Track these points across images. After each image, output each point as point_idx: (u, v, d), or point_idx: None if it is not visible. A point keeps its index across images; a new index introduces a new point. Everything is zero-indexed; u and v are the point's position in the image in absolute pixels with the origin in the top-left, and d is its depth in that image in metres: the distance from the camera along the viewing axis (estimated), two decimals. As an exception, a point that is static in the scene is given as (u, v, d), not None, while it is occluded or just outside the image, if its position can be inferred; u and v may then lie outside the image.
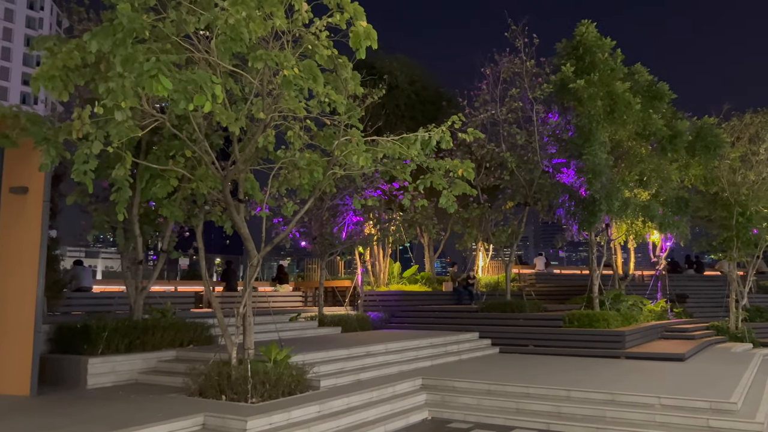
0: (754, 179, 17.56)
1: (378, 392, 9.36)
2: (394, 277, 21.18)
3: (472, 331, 15.07)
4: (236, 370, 8.66)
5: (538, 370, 11.25)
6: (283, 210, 10.19)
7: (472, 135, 9.68)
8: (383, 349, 11.95)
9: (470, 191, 9.91)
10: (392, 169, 9.99)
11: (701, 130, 16.58)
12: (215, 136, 10.58)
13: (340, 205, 16.47)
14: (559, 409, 8.80)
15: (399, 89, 18.82)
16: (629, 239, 18.65)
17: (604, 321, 14.31)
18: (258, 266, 9.20)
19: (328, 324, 15.31)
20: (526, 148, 16.36)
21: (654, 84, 16.58)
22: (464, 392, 9.85)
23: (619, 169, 16.20)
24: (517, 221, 17.19)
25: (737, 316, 18.45)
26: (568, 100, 15.38)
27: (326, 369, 10.04)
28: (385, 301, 18.33)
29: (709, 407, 8.11)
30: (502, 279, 22.85)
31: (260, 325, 13.11)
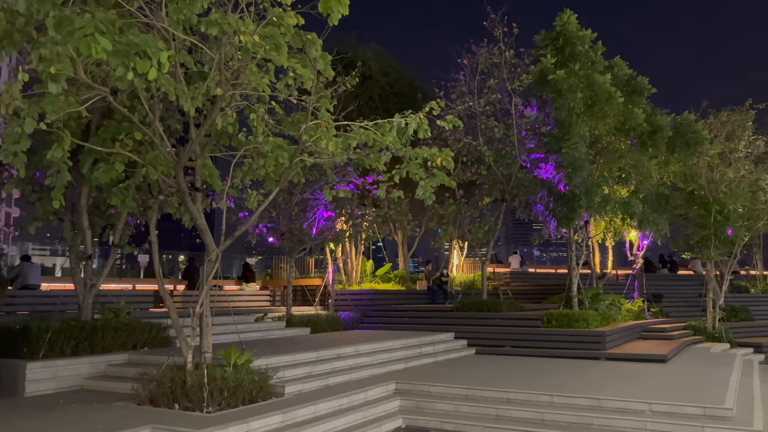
0: (733, 176, 17.29)
1: (348, 399, 8.65)
2: (366, 275, 20.45)
3: (448, 332, 14.47)
4: (192, 375, 7.86)
5: (517, 373, 10.65)
6: (246, 202, 9.42)
7: (450, 123, 9.04)
8: (354, 352, 11.24)
9: (449, 182, 9.25)
10: (365, 158, 9.27)
11: (680, 126, 16.22)
12: (172, 120, 9.74)
13: (310, 199, 15.69)
14: (542, 416, 8.18)
15: (373, 80, 18.10)
16: (607, 237, 18.25)
17: (584, 321, 13.81)
18: (217, 262, 8.40)
19: (297, 324, 14.53)
20: (504, 141, 15.79)
21: (633, 78, 16.16)
22: (440, 397, 9.19)
23: (598, 165, 15.74)
24: (494, 218, 16.61)
25: (714, 316, 18.18)
26: (547, 92, 14.84)
27: (292, 373, 9.29)
28: (357, 300, 17.60)
29: (703, 413, 7.58)
30: (477, 277, 22.32)
31: (222, 325, 12.33)
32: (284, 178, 8.86)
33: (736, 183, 17.39)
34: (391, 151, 8.87)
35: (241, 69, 7.07)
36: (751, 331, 19.48)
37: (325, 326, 15.03)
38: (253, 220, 8.58)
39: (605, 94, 14.48)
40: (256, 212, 8.66)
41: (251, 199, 9.16)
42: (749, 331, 19.38)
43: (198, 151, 8.27)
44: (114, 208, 9.81)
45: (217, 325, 12.41)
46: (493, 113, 15.90)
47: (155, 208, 9.58)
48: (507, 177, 15.89)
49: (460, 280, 21.90)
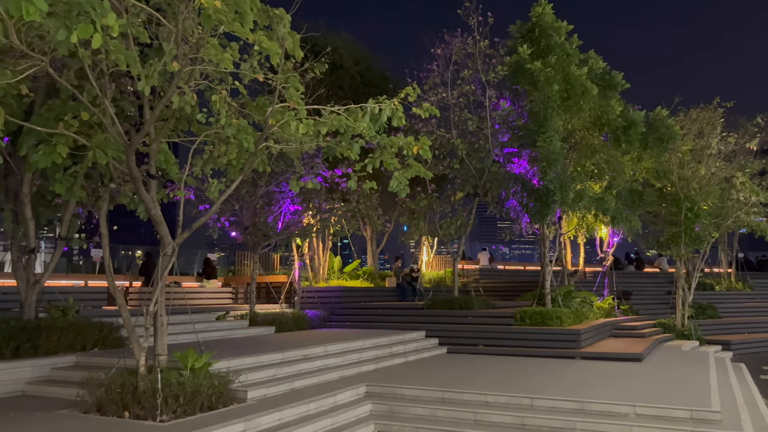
0: (704, 173, 17.23)
1: (316, 404, 8.05)
2: (334, 272, 19.80)
3: (419, 330, 13.98)
4: (144, 380, 7.17)
5: (493, 374, 10.21)
6: (207, 192, 8.73)
7: (427, 111, 8.51)
8: (322, 352, 10.63)
9: (425, 174, 8.72)
10: (337, 146, 8.67)
11: (654, 121, 16.04)
12: (125, 102, 8.96)
13: (275, 192, 14.99)
14: (522, 420, 7.73)
15: (343, 69, 17.44)
16: (579, 234, 18.03)
17: (557, 319, 13.48)
18: (173, 256, 7.70)
19: (261, 323, 13.84)
20: (477, 135, 15.35)
21: (607, 73, 15.92)
22: (415, 401, 8.66)
23: (571, 160, 15.45)
24: (466, 213, 16.16)
25: (684, 314, 18.15)
26: (522, 83, 14.47)
27: (255, 377, 8.64)
28: (325, 297, 16.97)
29: (690, 417, 7.23)
30: (446, 274, 21.92)
31: (180, 325, 11.59)
32: (248, 166, 8.21)
33: (706, 180, 17.35)
34: (364, 138, 8.30)
35: (201, 42, 6.39)
36: (719, 329, 19.57)
37: (291, 325, 14.37)
38: (214, 209, 7.90)
39: (581, 87, 14.19)
40: (217, 201, 7.99)
41: (212, 188, 8.47)
42: (717, 329, 19.46)
43: (153, 135, 7.54)
44: (60, 197, 8.97)
45: (175, 324, 11.63)
46: (467, 105, 15.44)
47: (106, 197, 8.80)
48: (480, 171, 15.45)
49: (430, 277, 21.44)
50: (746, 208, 17.50)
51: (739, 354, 16.88)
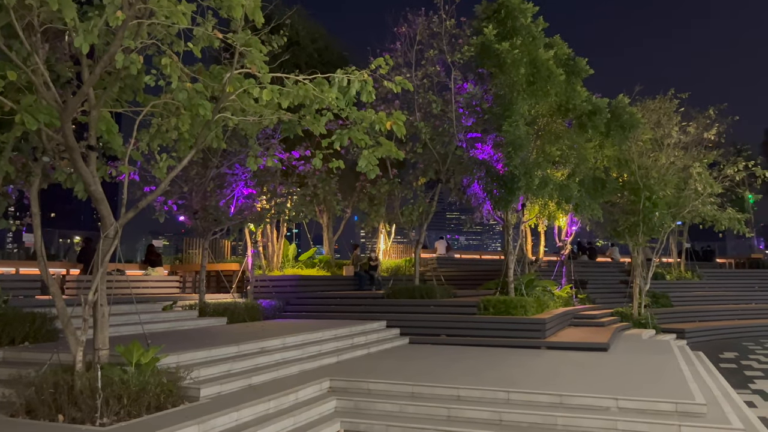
0: (665, 161, 17.26)
1: (276, 401, 7.35)
2: (288, 260, 18.99)
3: (379, 320, 13.42)
4: (82, 378, 6.34)
5: (462, 365, 9.73)
6: (154, 171, 7.86)
7: (400, 85, 7.89)
8: (280, 344, 9.92)
9: (396, 153, 8.11)
10: (300, 120, 7.94)
11: (616, 109, 15.89)
12: (62, 66, 7.95)
13: (228, 174, 14.07)
14: (500, 416, 7.25)
15: (300, 47, 16.57)
16: (540, 222, 17.81)
17: (522, 308, 13.16)
18: (116, 239, 6.83)
19: (211, 314, 12.98)
20: (441, 118, 14.81)
21: (572, 59, 15.65)
22: (383, 396, 8.08)
23: (535, 146, 15.13)
24: (428, 199, 15.63)
25: (640, 303, 18.23)
26: (488, 65, 14.00)
27: (208, 372, 7.87)
28: (279, 287, 16.18)
29: (675, 410, 6.90)
30: (404, 263, 21.44)
31: (124, 315, 10.68)
32: (201, 139, 7.39)
33: (665, 169, 17.39)
34: (332, 111, 7.60)
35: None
36: (673, 317, 19.82)
37: (244, 315, 13.56)
38: (164, 186, 7.07)
39: (547, 71, 13.85)
40: (167, 178, 7.14)
41: (161, 164, 7.61)
42: (670, 317, 19.70)
43: (93, 101, 6.62)
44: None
45: (117, 315, 10.70)
46: (430, 87, 14.86)
47: (38, 173, 7.79)
48: (443, 156, 14.94)
49: (387, 266, 20.91)
50: (702, 198, 17.64)
51: (693, 342, 17.06)
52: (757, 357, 14.54)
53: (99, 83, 7.33)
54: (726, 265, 30.19)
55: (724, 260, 31.28)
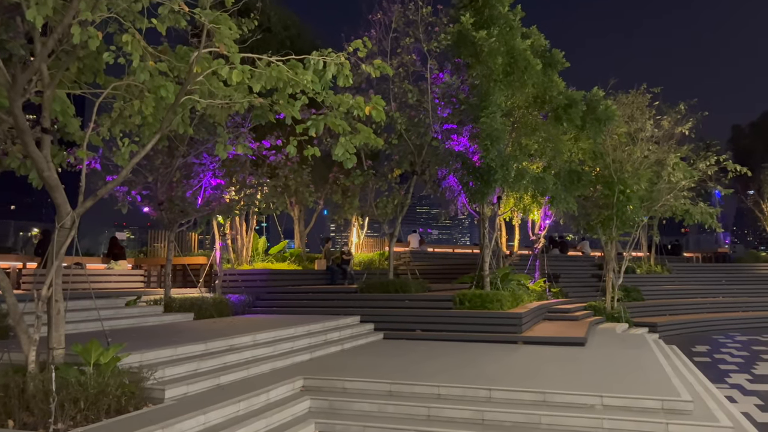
0: (639, 155, 17.23)
1: (246, 402, 6.93)
2: (258, 254, 18.45)
3: (353, 315, 13.07)
4: (34, 380, 5.86)
5: (439, 362, 9.43)
6: (116, 158, 7.35)
7: (379, 69, 7.52)
8: (251, 342, 9.48)
9: (374, 141, 7.74)
10: (273, 105, 7.51)
11: (591, 101, 15.77)
12: (14, 44, 7.35)
13: (195, 164, 13.51)
14: (482, 415, 6.96)
15: (271, 33, 16.02)
16: (514, 215, 17.64)
17: (498, 302, 12.94)
18: (73, 229, 6.32)
19: (177, 309, 12.45)
20: (417, 108, 14.47)
21: (548, 50, 15.47)
22: (359, 395, 7.72)
23: (510, 139, 14.91)
24: (403, 191, 15.29)
25: (613, 297, 18.24)
26: (465, 55, 13.71)
27: (174, 372, 7.41)
28: (249, 281, 15.67)
29: (661, 407, 6.71)
30: (377, 257, 21.10)
31: (84, 311, 10.13)
32: (166, 122, 6.90)
33: (639, 162, 17.38)
34: (307, 95, 7.20)
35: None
36: (644, 311, 19.91)
37: (212, 311, 13.05)
38: (125, 174, 6.57)
39: (524, 61, 13.61)
40: (129, 164, 6.64)
41: (123, 149, 7.11)
42: (642, 311, 19.79)
43: (47, 79, 6.09)
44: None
45: (76, 311, 10.14)
46: (406, 77, 14.50)
47: (-15, 158, 7.21)
48: (419, 147, 14.62)
49: (360, 260, 20.53)
50: (675, 191, 17.68)
51: (665, 335, 17.13)
52: (729, 350, 14.63)
53: (55, 63, 6.79)
54: (693, 260, 30.66)
55: (691, 254, 31.77)
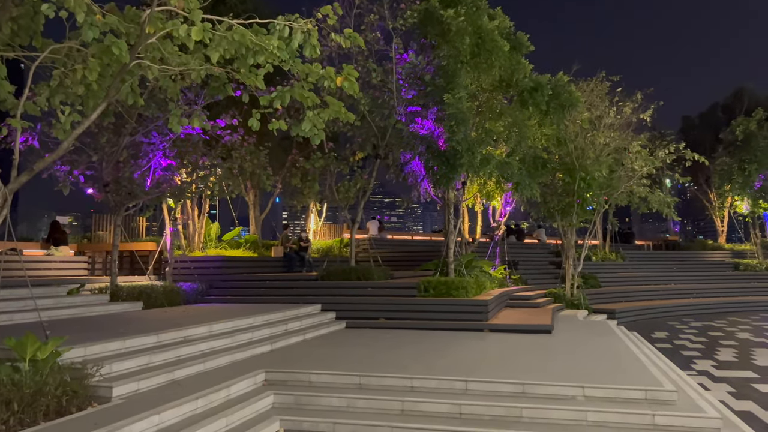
0: (602, 141, 17.19)
1: (204, 399, 6.32)
2: (211, 240, 17.60)
3: (313, 304, 12.50)
4: (-40, 380, 5.08)
5: (407, 351, 9.00)
6: (56, 131, 6.58)
7: (350, 39, 6.95)
8: (207, 333, 8.84)
9: (345, 115, 7.18)
10: (234, 73, 6.85)
11: (555, 87, 15.56)
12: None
13: (144, 143, 12.61)
14: (459, 409, 6.56)
15: (225, 5, 15.15)
16: (477, 202, 17.37)
17: (463, 289, 12.63)
18: (5, 207, 5.56)
19: (125, 298, 11.63)
20: (381, 89, 13.93)
21: (513, 33, 15.15)
22: (326, 388, 7.21)
23: (474, 123, 14.57)
24: (366, 175, 14.75)
25: (573, 284, 18.25)
26: (432, 34, 13.25)
27: (123, 367, 6.74)
28: (202, 268, 14.88)
29: (644, 397, 6.46)
30: (336, 243, 20.54)
31: (18, 301, 9.27)
32: (114, 91, 6.16)
33: (600, 149, 17.35)
34: (273, 63, 6.58)
35: None
36: (602, 298, 20.07)
37: (163, 300, 12.28)
38: (66, 146, 5.84)
39: (492, 42, 13.25)
40: (70, 136, 5.89)
41: (64, 119, 6.33)
42: (600, 298, 19.93)
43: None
44: None
45: (11, 300, 9.27)
46: (369, 56, 13.92)
47: None
48: (382, 130, 14.09)
49: (318, 247, 19.92)
50: (635, 179, 17.77)
51: (623, 322, 17.22)
52: (688, 336, 14.78)
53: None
54: (645, 247, 31.29)
55: (643, 242, 32.44)
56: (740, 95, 33.65)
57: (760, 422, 6.75)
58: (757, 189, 26.55)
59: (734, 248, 29.68)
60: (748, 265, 26.64)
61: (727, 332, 15.60)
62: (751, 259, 27.34)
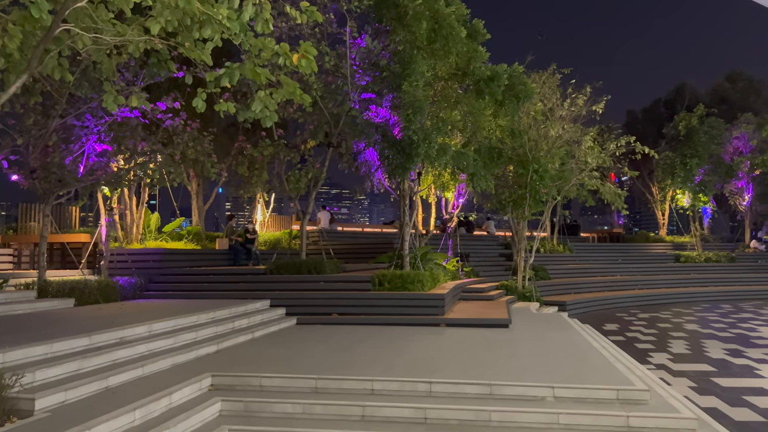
0: (554, 134, 17.12)
1: (143, 410, 5.66)
2: (151, 231, 16.58)
3: (262, 299, 11.85)
4: None
5: (364, 349, 8.54)
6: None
7: (306, 13, 6.36)
8: (146, 333, 8.10)
9: (300, 97, 6.60)
10: (180, 46, 6.16)
11: (511, 77, 15.33)
12: None
13: (76, 126, 11.61)
14: (424, 413, 6.13)
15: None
16: (431, 193, 17.01)
17: (419, 283, 12.25)
18: None
19: (54, 294, 10.69)
20: (334, 74, 13.32)
21: (468, 21, 14.80)
22: (280, 393, 6.65)
23: (430, 112, 14.17)
24: (318, 164, 14.12)
25: (525, 276, 18.19)
26: (388, 17, 12.73)
27: (48, 375, 6.00)
28: (140, 262, 13.93)
29: (616, 397, 6.20)
30: (284, 236, 19.83)
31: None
32: (36, 60, 5.38)
33: (553, 141, 17.29)
34: (221, 35, 5.93)
35: None
36: (552, 290, 20.13)
37: (97, 296, 11.35)
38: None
39: (449, 28, 12.85)
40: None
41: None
42: (550, 290, 19.99)
43: None
44: None
45: None
46: (322, 38, 13.28)
47: None
48: (335, 117, 13.50)
49: (265, 239, 19.15)
50: (586, 171, 17.83)
51: (573, 314, 17.30)
52: (638, 329, 14.89)
53: None
54: (590, 239, 31.85)
55: (588, 234, 33.03)
56: (682, 91, 34.69)
57: (729, 419, 6.62)
58: (698, 183, 27.37)
59: (675, 240, 30.57)
60: (688, 257, 27.47)
61: (675, 323, 15.85)
62: (691, 252, 28.21)
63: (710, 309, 19.85)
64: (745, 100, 34.34)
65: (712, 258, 27.61)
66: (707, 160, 27.42)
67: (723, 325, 15.38)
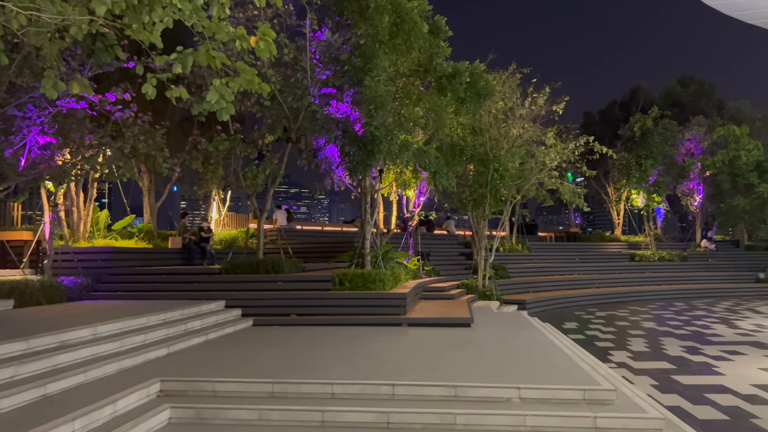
0: (516, 132, 17.11)
1: (84, 419, 5.24)
2: (99, 229, 15.83)
3: (216, 300, 11.40)
4: None
5: (324, 351, 8.22)
6: None
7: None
8: (90, 336, 7.60)
9: (259, 86, 6.24)
10: (127, 28, 5.72)
11: (473, 74, 15.23)
12: None
13: (17, 117, 10.92)
14: (387, 417, 5.87)
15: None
16: (392, 191, 16.78)
17: (380, 282, 12.00)
18: None
19: (-9, 296, 9.98)
20: (293, 67, 12.94)
21: (431, 17, 14.64)
22: (234, 399, 6.28)
23: (392, 108, 13.93)
24: (276, 160, 13.69)
25: (485, 275, 18.15)
26: (349, 10, 12.44)
27: (-23, 384, 5.46)
28: (87, 260, 13.25)
29: (583, 398, 6.07)
30: (240, 234, 19.29)
31: None
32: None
33: (513, 140, 17.29)
34: (173, 16, 5.53)
35: None
36: (512, 289, 20.19)
37: (39, 297, 10.73)
38: None
39: (411, 22, 12.65)
40: None
41: None
42: (510, 289, 20.04)
43: None
44: None
45: None
46: (281, 30, 12.86)
47: None
48: (295, 112, 13.11)
49: (221, 238, 18.57)
50: (545, 170, 17.89)
51: (532, 312, 17.32)
52: (597, 327, 15.00)
53: None
54: (547, 238, 32.22)
55: (545, 234, 33.42)
56: (636, 94, 35.45)
57: (693, 418, 6.58)
58: (652, 183, 27.97)
59: (629, 240, 31.20)
60: (642, 256, 28.06)
61: (632, 321, 16.05)
62: (645, 251, 28.82)
63: (665, 307, 20.24)
64: (696, 103, 35.35)
65: (665, 257, 28.28)
66: (661, 161, 28.06)
67: (678, 323, 15.65)
